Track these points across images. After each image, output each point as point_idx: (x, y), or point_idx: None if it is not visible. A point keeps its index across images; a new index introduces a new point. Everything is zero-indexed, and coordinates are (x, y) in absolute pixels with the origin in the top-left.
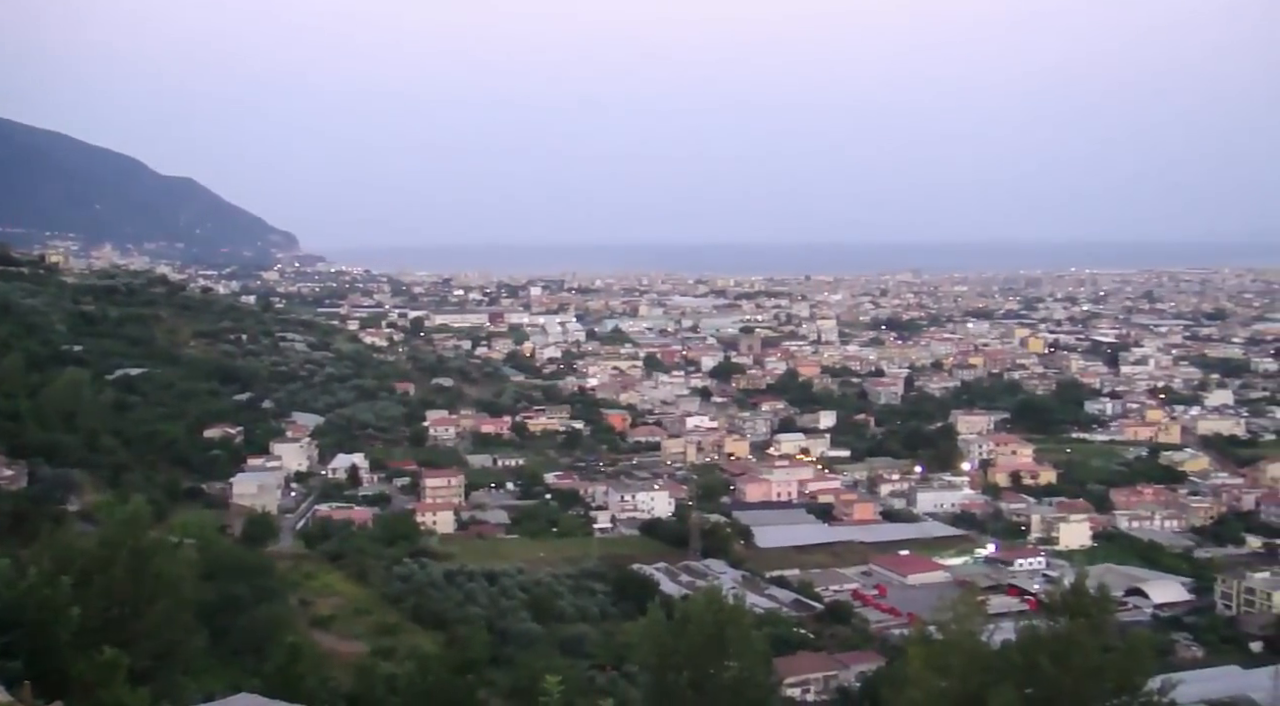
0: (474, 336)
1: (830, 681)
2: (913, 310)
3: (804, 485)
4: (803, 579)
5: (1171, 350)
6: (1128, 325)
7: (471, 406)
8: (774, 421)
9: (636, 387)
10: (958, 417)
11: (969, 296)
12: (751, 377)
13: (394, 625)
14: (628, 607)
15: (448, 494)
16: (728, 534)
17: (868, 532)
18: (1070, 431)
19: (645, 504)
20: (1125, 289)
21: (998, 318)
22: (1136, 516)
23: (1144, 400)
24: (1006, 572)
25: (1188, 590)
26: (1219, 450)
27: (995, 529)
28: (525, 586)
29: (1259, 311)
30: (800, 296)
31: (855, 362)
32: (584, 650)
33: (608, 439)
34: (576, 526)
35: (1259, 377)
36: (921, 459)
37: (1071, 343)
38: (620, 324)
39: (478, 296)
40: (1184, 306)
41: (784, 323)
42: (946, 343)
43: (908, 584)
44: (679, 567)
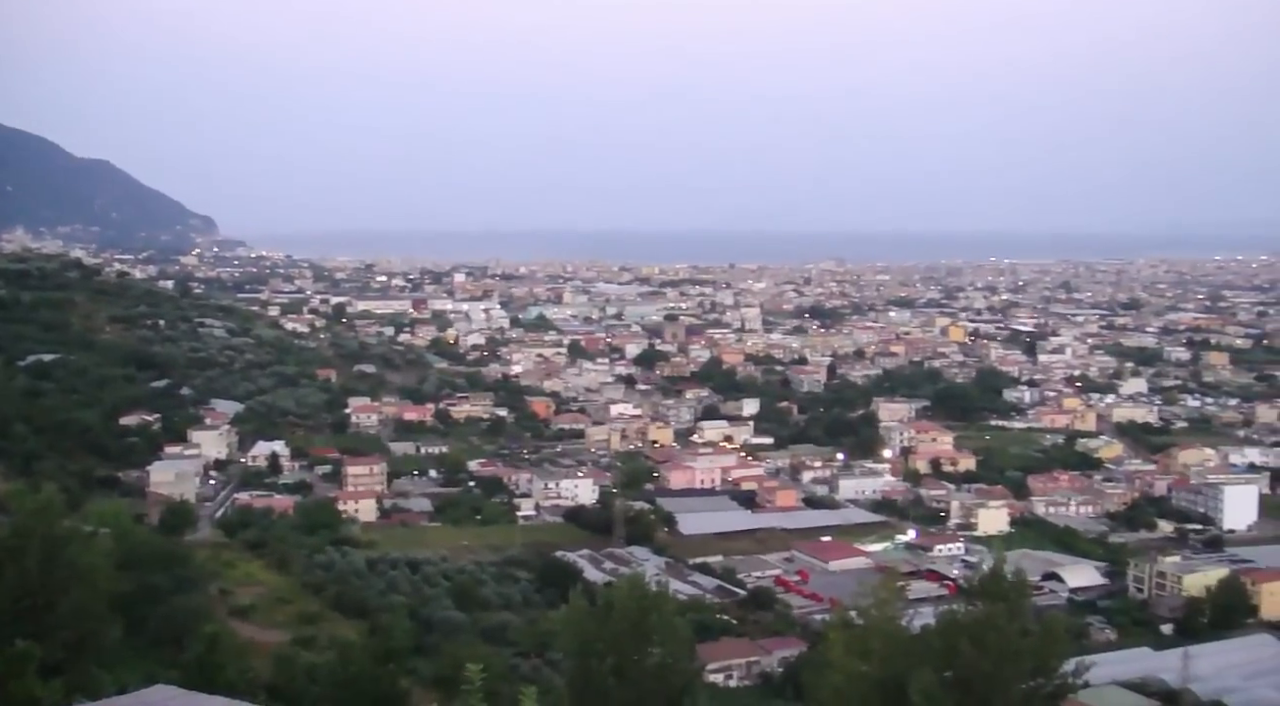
0: (397, 323)
1: (753, 666)
2: (836, 299)
3: (727, 472)
4: (726, 565)
5: (1088, 339)
6: (1046, 314)
7: (394, 393)
8: (698, 409)
9: (560, 375)
10: (879, 405)
11: (891, 285)
12: (675, 365)
13: (315, 614)
14: (551, 595)
15: (370, 481)
16: (651, 521)
17: (790, 519)
18: (989, 419)
19: (569, 491)
20: (1044, 279)
21: (919, 306)
22: (1053, 502)
23: (1061, 388)
24: (926, 558)
25: (1102, 574)
26: (1133, 437)
27: (916, 515)
28: (448, 574)
29: (1172, 301)
30: (724, 284)
31: (779, 350)
32: (507, 638)
33: (532, 426)
34: (500, 514)
35: (1171, 366)
36: (843, 446)
37: (991, 331)
38: (545, 311)
39: (401, 282)
40: (1100, 296)
41: (708, 310)
42: (869, 331)
43: (829, 569)
44: (602, 555)
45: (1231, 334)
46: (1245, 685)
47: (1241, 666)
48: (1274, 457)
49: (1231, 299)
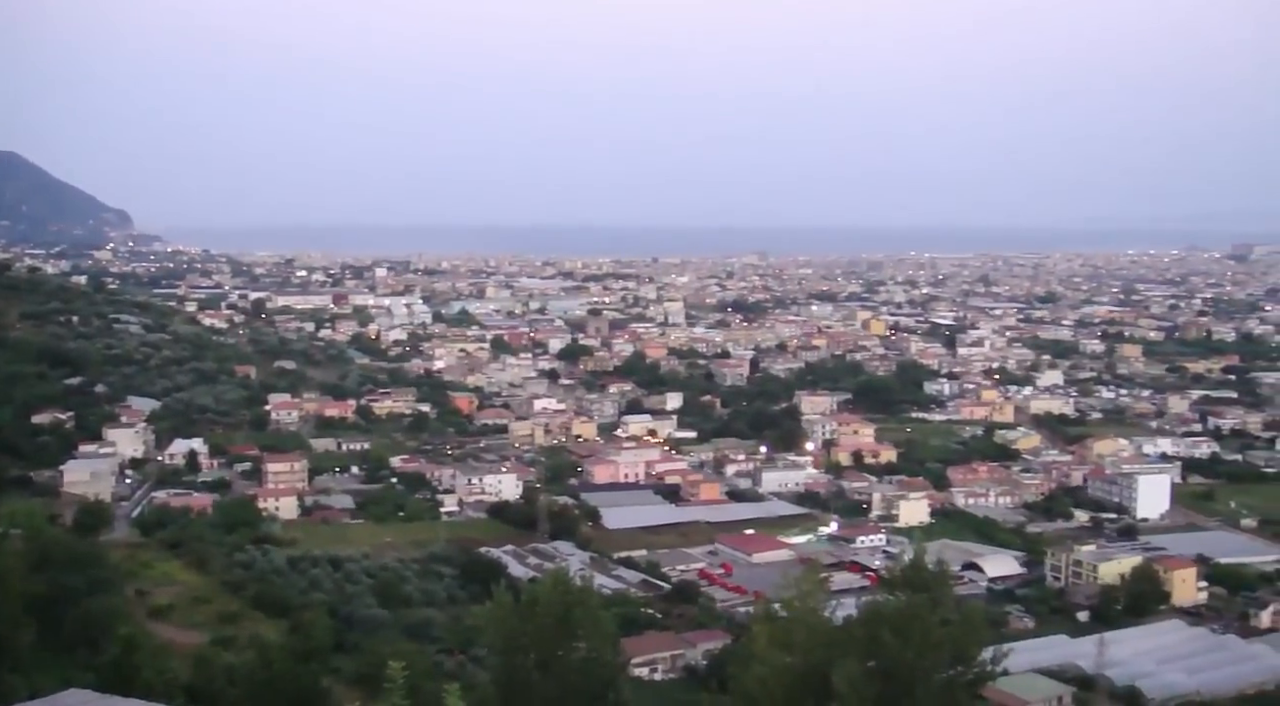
0: (317, 318)
1: (677, 660)
2: (758, 293)
3: (651, 466)
4: (650, 559)
5: (1006, 332)
6: (965, 308)
7: (315, 389)
8: (621, 403)
9: (483, 370)
10: (802, 398)
11: (813, 279)
12: (599, 359)
13: (235, 613)
14: (475, 591)
15: (290, 479)
16: (575, 515)
17: (714, 512)
18: (910, 411)
19: (493, 487)
20: (962, 273)
21: (841, 300)
22: (972, 493)
23: (980, 381)
24: (849, 550)
25: (1020, 564)
26: (1050, 428)
27: (838, 507)
28: (371, 571)
29: (1087, 295)
30: (648, 279)
31: (702, 344)
32: (431, 634)
33: (454, 422)
34: (423, 510)
35: (1087, 358)
36: (766, 439)
37: (911, 325)
38: (467, 306)
39: (321, 278)
40: (1017, 290)
41: (631, 305)
42: (791, 325)
43: (753, 562)
44: (527, 550)
45: (1144, 327)
46: (1158, 670)
47: (1155, 652)
48: (1185, 447)
49: (1144, 292)
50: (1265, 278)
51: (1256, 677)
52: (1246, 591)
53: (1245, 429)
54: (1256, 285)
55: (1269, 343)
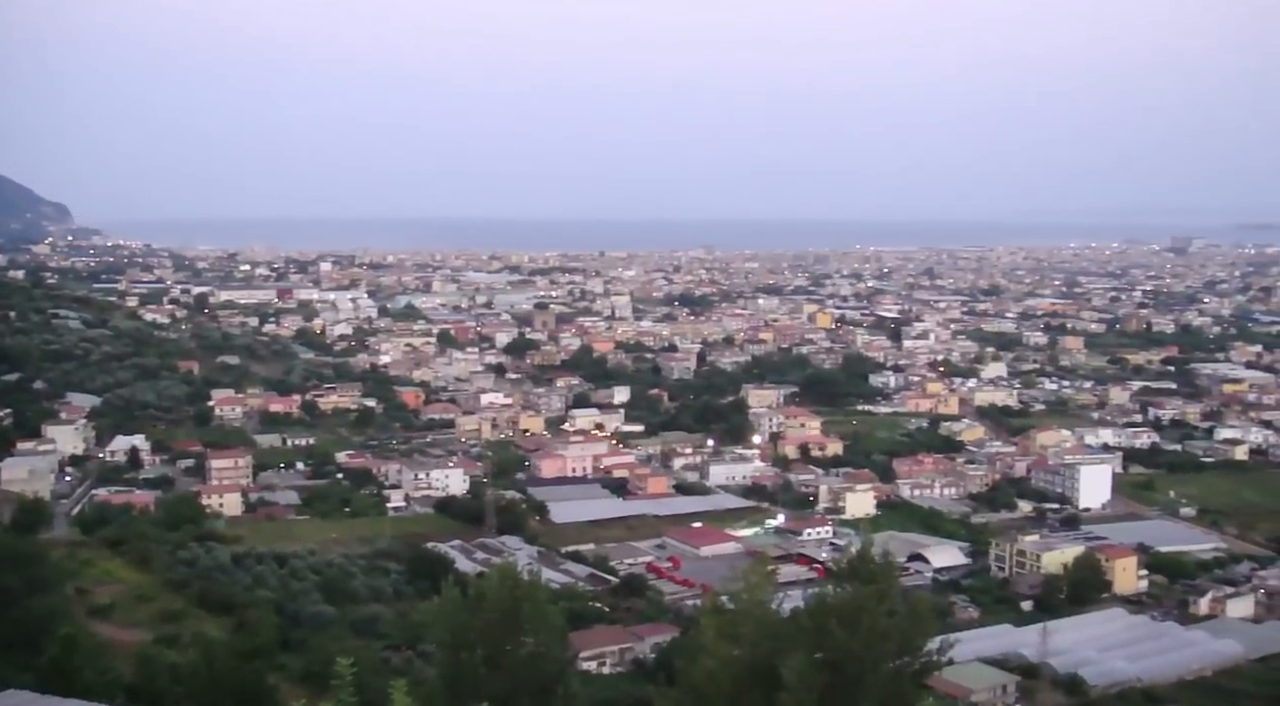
0: (261, 313)
1: (626, 653)
2: (705, 286)
3: (599, 460)
4: (598, 553)
5: (950, 325)
6: (910, 301)
7: (259, 385)
8: (568, 397)
9: (430, 364)
10: (748, 392)
11: (759, 273)
12: (546, 354)
13: (178, 612)
14: (422, 586)
15: (235, 475)
16: (523, 510)
17: (661, 506)
18: (856, 404)
19: (439, 482)
20: (907, 266)
21: (787, 294)
22: (918, 485)
23: (925, 373)
24: (796, 542)
25: (965, 554)
26: (994, 420)
27: (785, 500)
28: (317, 568)
29: (1030, 288)
30: (595, 272)
31: (649, 338)
32: (378, 631)
33: (401, 416)
34: (369, 506)
35: (1030, 350)
36: (714, 432)
37: (857, 318)
38: (413, 300)
39: (265, 272)
40: (962, 283)
41: (578, 299)
42: (738, 318)
43: (701, 555)
44: (474, 545)
45: (1086, 319)
46: (1100, 657)
47: (1096, 639)
48: (1126, 438)
49: (1086, 285)
50: (1203, 270)
51: (1195, 664)
52: (1185, 579)
53: (1184, 419)
54: (1195, 278)
55: (1207, 334)
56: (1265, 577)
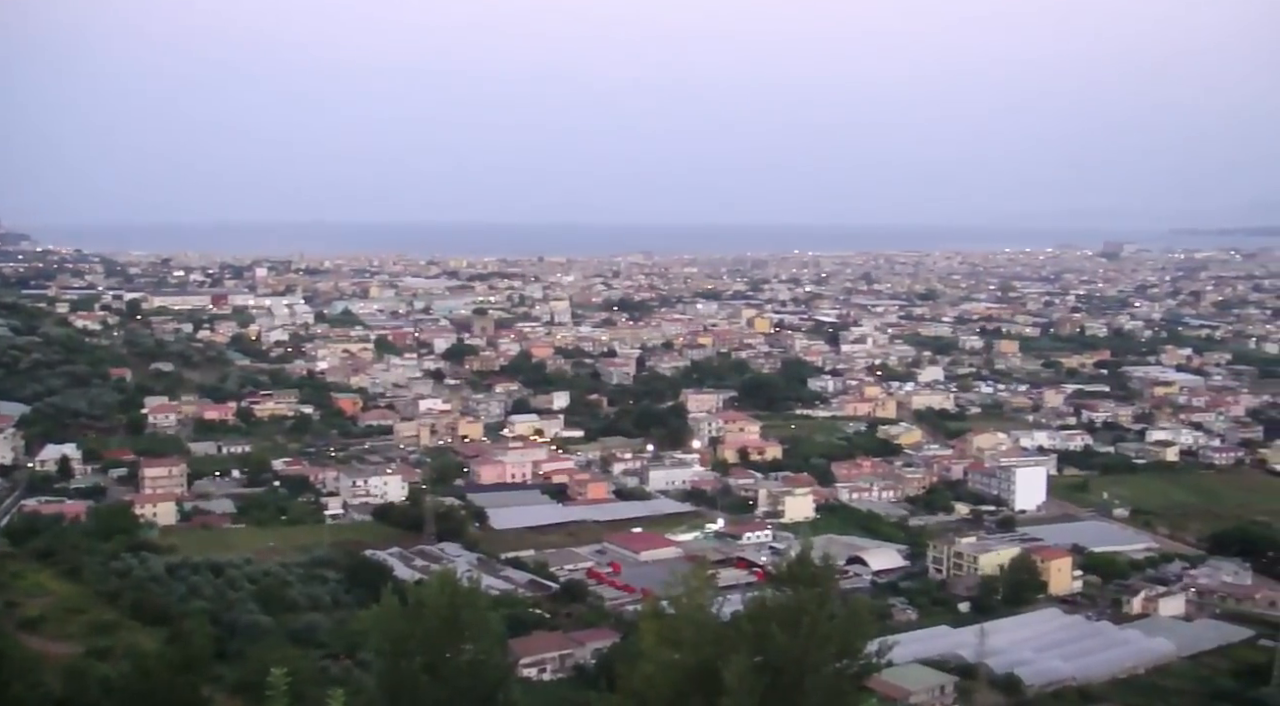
0: (196, 319)
1: (566, 659)
2: (644, 291)
3: (538, 466)
4: (538, 559)
5: (887, 329)
6: (847, 306)
7: (194, 392)
8: (508, 403)
9: (368, 370)
10: (688, 396)
11: (698, 278)
12: (485, 359)
13: (111, 623)
14: (361, 594)
15: (169, 484)
16: (462, 517)
17: (601, 511)
18: (795, 408)
19: (378, 488)
20: (845, 271)
21: (726, 298)
22: (856, 488)
23: (862, 377)
24: (735, 546)
25: (903, 557)
26: (931, 423)
27: (724, 504)
28: (253, 577)
29: (966, 292)
30: (533, 278)
31: (588, 343)
32: (316, 639)
33: (338, 423)
34: (307, 513)
35: (966, 354)
36: (653, 437)
37: (795, 322)
38: (350, 306)
39: (199, 277)
40: (899, 287)
41: (517, 304)
42: (677, 323)
43: (641, 560)
44: (413, 552)
45: (1021, 323)
46: (1036, 657)
47: (1033, 639)
48: (1060, 440)
49: (1021, 289)
50: (1135, 275)
51: (1129, 662)
52: (1119, 579)
53: (1117, 421)
54: (1127, 282)
55: (1139, 338)
56: (1195, 576)
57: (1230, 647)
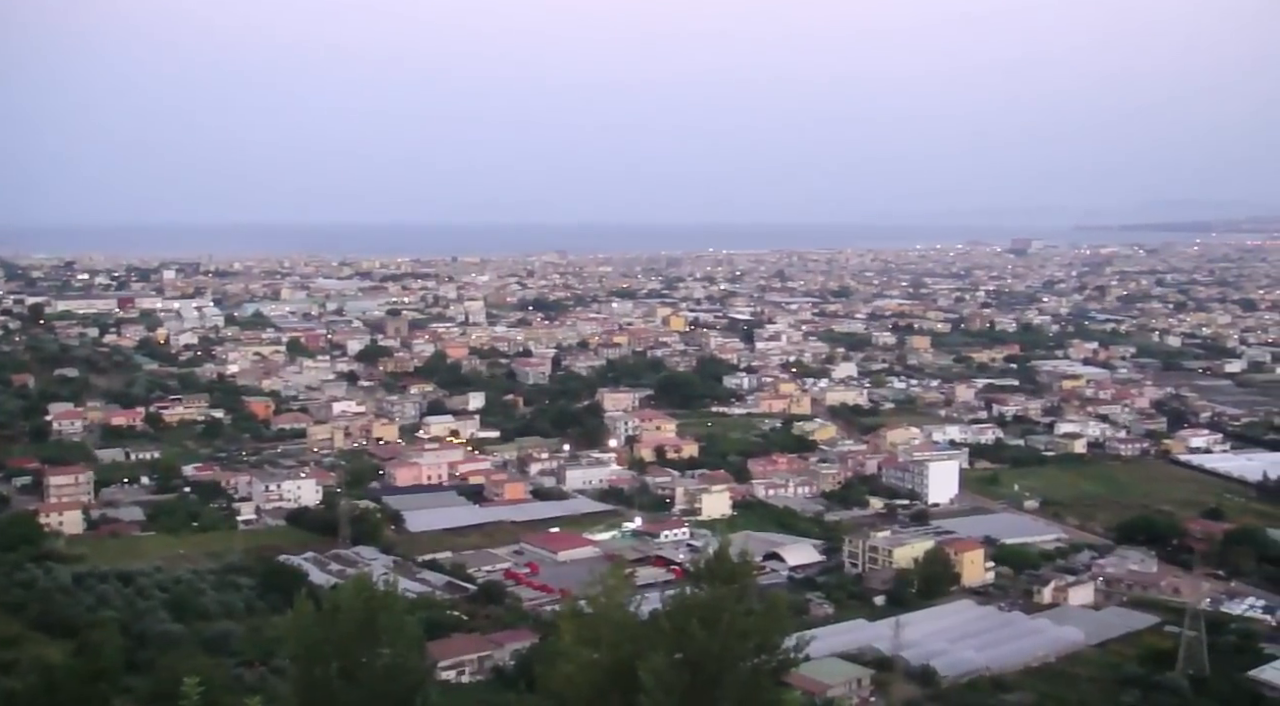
0: (101, 323)
1: (485, 661)
2: (559, 291)
3: (454, 467)
4: (455, 561)
5: (801, 326)
6: (762, 303)
7: (100, 397)
8: (423, 404)
9: (280, 373)
10: (604, 395)
11: (613, 277)
12: (399, 360)
13: (15, 636)
14: (275, 600)
15: (75, 492)
16: (378, 519)
17: (519, 512)
18: (711, 405)
19: (291, 493)
20: (759, 269)
21: (641, 297)
22: (772, 484)
23: (777, 374)
24: (653, 544)
25: (819, 552)
26: (845, 419)
27: (642, 502)
28: (164, 585)
29: (878, 289)
30: (447, 278)
31: (503, 343)
32: (230, 647)
33: (250, 427)
34: (219, 519)
35: (879, 351)
36: (570, 437)
37: (710, 320)
38: (261, 308)
39: (105, 280)
40: (812, 285)
41: (431, 304)
42: (592, 322)
43: (559, 560)
44: (328, 556)
45: (932, 319)
46: (951, 647)
47: (947, 631)
48: (972, 434)
49: (932, 285)
50: (1042, 270)
51: (1040, 651)
52: (1030, 570)
53: (1026, 415)
54: (1035, 278)
55: (1047, 332)
56: (1103, 565)
57: (1137, 634)
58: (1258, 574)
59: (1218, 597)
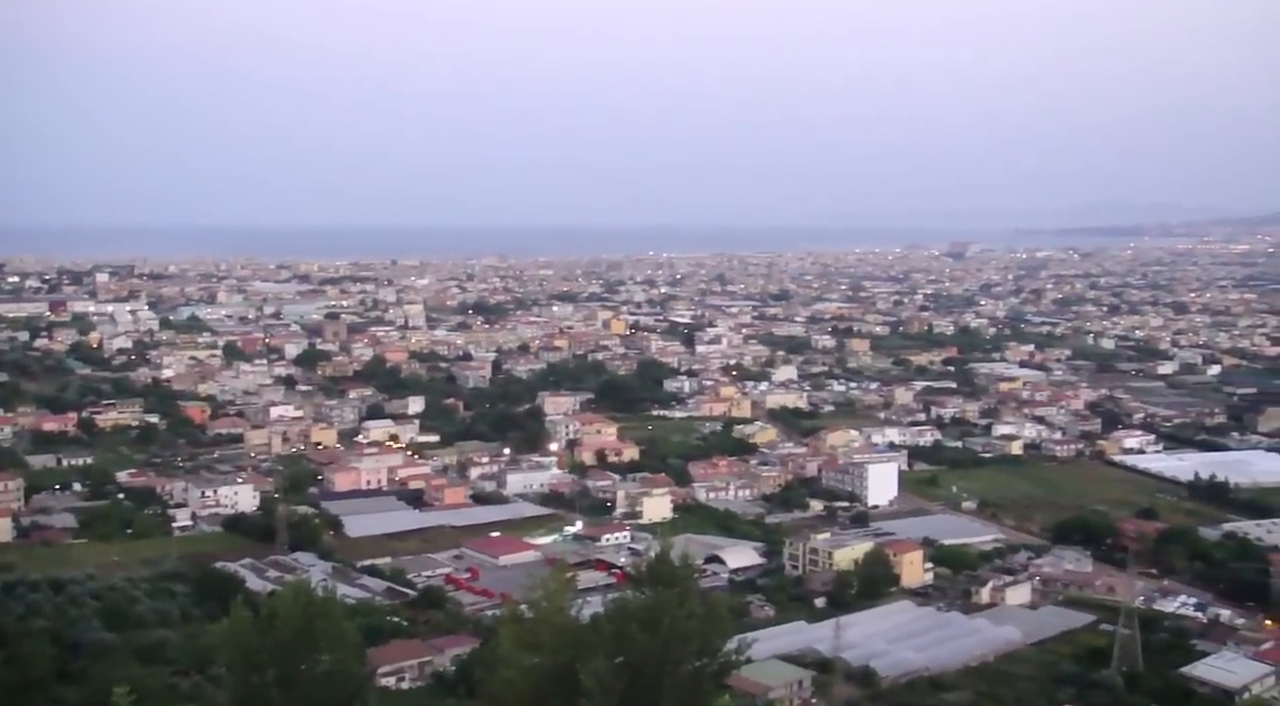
0: (32, 327)
1: (425, 667)
2: (499, 294)
3: (394, 472)
4: (395, 566)
5: (742, 330)
6: (702, 307)
7: (31, 403)
8: (362, 408)
9: (216, 377)
10: (545, 399)
11: (554, 280)
12: (338, 364)
13: None
14: (211, 608)
15: (5, 499)
16: (317, 525)
17: (459, 516)
18: (651, 409)
19: (228, 498)
20: (699, 272)
21: (581, 300)
22: (713, 487)
23: (718, 377)
24: (594, 548)
25: (760, 554)
26: (785, 422)
27: (583, 506)
28: (97, 593)
29: (818, 292)
30: (387, 281)
31: (443, 347)
32: (165, 656)
33: (186, 432)
34: (154, 526)
35: (819, 353)
36: (510, 441)
37: (651, 324)
38: (197, 311)
39: (36, 283)
40: (753, 288)
41: (370, 308)
42: (533, 325)
43: (499, 565)
44: (266, 563)
45: (871, 322)
46: (890, 648)
47: (886, 632)
48: (910, 436)
49: (871, 289)
50: (980, 274)
51: (979, 651)
52: (968, 570)
53: (964, 417)
54: (972, 281)
55: (984, 335)
56: (1040, 565)
57: (1073, 633)
58: (1189, 572)
59: (1151, 596)
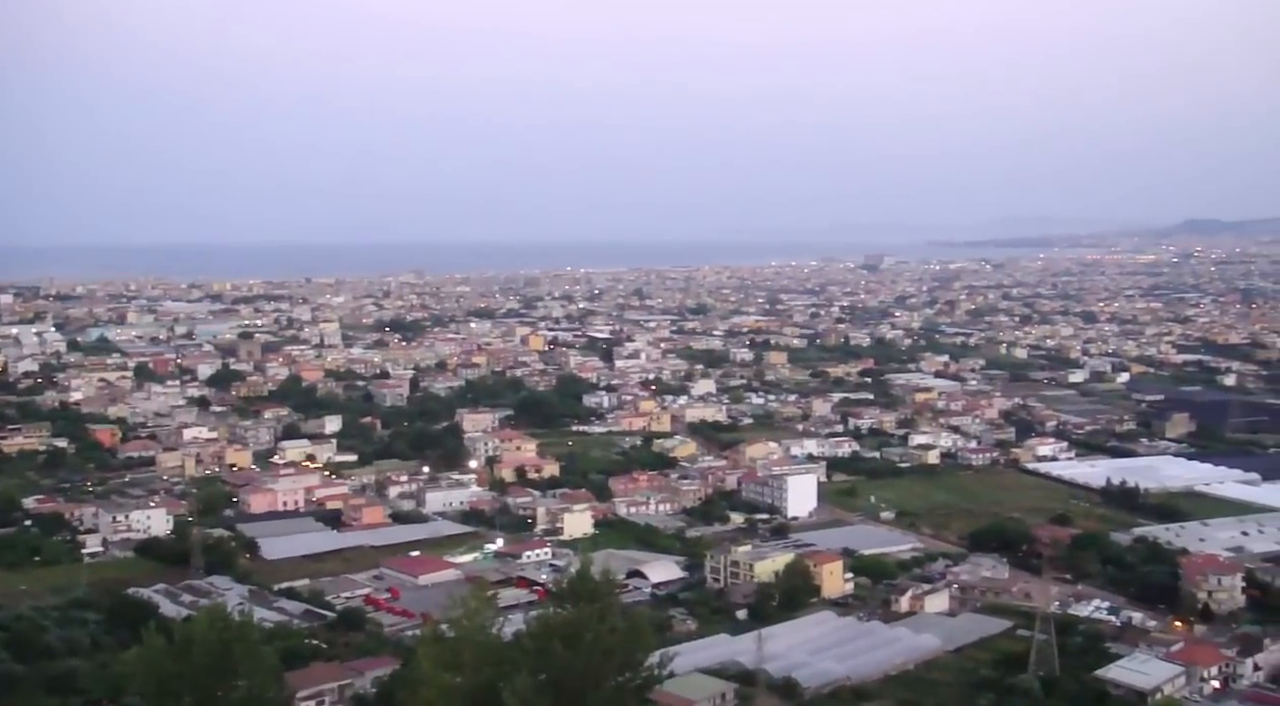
0: None
1: (345, 690)
2: (416, 311)
3: (311, 492)
4: (313, 588)
5: (660, 344)
6: (621, 321)
7: None
8: (277, 428)
9: (126, 400)
10: (463, 416)
11: (471, 297)
12: (252, 384)
13: None
14: (124, 635)
15: None
16: (232, 548)
17: (378, 536)
18: (571, 424)
19: (140, 523)
20: (617, 287)
21: (499, 317)
22: (634, 502)
23: (637, 392)
24: (515, 565)
25: (682, 568)
26: (705, 435)
27: (503, 523)
28: (4, 623)
29: (735, 306)
30: (301, 299)
31: (360, 365)
32: (76, 686)
33: (96, 456)
34: (63, 553)
35: (737, 367)
36: (429, 459)
37: (569, 339)
38: (106, 332)
39: None
40: (670, 302)
41: (285, 327)
42: (450, 342)
43: (420, 584)
44: (180, 587)
45: (788, 335)
46: (812, 659)
47: (808, 643)
48: (829, 448)
49: (788, 302)
50: (894, 286)
51: (899, 659)
52: (887, 579)
53: (881, 427)
54: (887, 293)
55: (899, 346)
56: (958, 573)
57: (991, 639)
58: (1102, 576)
59: (1066, 601)
